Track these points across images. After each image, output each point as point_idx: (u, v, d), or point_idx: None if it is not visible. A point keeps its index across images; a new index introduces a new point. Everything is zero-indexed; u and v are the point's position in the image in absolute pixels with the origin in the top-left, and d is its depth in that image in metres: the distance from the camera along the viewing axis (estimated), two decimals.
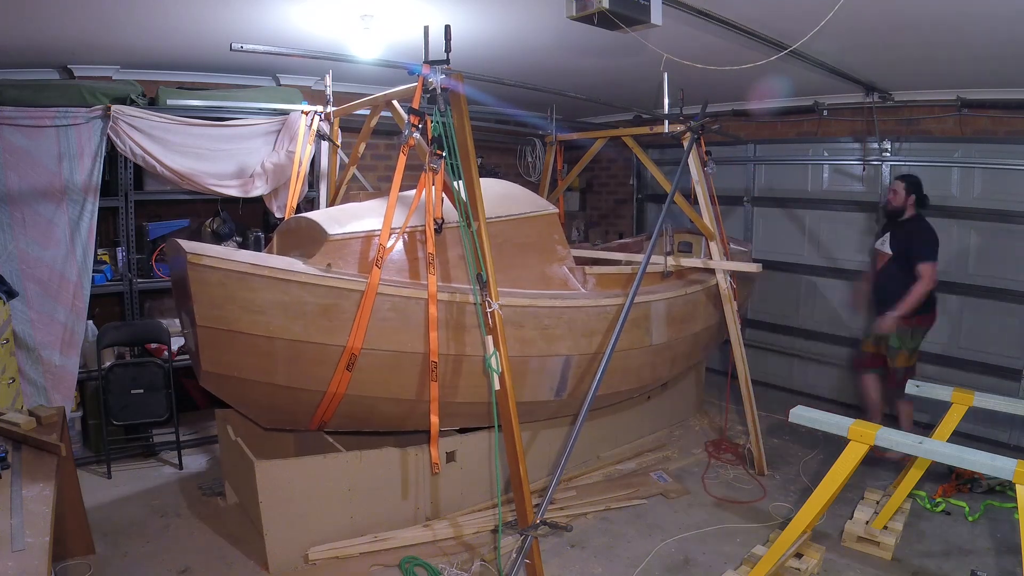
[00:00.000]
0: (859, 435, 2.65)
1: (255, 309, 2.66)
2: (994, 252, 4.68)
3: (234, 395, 3.06)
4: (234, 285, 2.62)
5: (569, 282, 3.63)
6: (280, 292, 2.68)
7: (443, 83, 2.74)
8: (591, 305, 3.46)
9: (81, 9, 3.15)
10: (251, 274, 2.63)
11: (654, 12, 2.62)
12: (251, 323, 2.67)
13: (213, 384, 2.94)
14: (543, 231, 3.67)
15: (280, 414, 3.17)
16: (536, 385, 3.37)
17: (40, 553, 1.99)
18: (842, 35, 3.28)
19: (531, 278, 3.47)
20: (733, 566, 3.06)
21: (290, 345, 2.75)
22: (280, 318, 2.70)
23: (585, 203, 7.70)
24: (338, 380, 2.87)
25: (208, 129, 4.27)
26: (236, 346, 2.71)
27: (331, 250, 2.99)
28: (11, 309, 3.69)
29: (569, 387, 3.49)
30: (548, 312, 3.29)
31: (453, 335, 3.03)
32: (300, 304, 2.72)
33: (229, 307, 2.64)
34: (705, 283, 4.22)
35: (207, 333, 2.67)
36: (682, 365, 4.38)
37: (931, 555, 3.23)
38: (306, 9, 3.25)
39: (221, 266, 2.59)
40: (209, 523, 3.44)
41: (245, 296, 2.64)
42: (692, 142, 4.02)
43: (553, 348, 3.33)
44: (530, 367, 3.29)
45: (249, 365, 2.78)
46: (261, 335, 2.70)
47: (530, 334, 3.22)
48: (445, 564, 3.08)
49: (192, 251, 2.57)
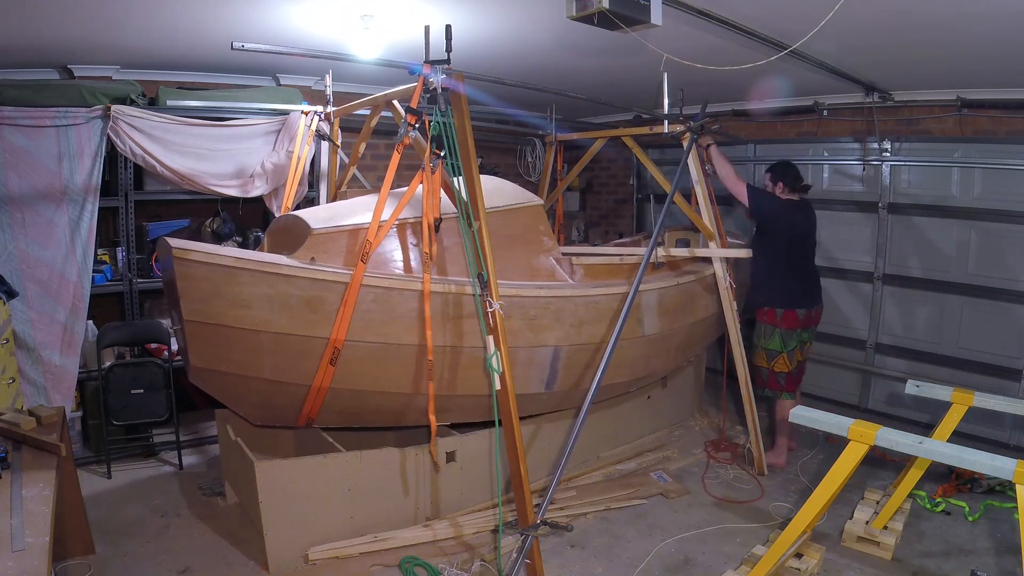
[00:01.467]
0: (859, 435, 2.65)
1: (241, 303, 2.67)
2: (994, 252, 4.68)
3: (223, 391, 3.05)
4: (219, 280, 2.64)
5: (556, 273, 3.62)
6: (265, 286, 2.69)
7: (444, 83, 2.74)
8: (579, 295, 3.45)
9: (81, 9, 3.14)
10: (236, 268, 2.65)
11: (654, 12, 2.62)
12: (237, 317, 2.68)
13: (202, 379, 2.95)
14: (529, 222, 3.67)
15: (268, 410, 3.15)
16: (525, 377, 3.35)
17: (40, 553, 1.99)
18: (842, 35, 3.28)
19: (518, 269, 3.47)
20: (733, 566, 3.06)
21: (275, 338, 2.76)
22: (265, 312, 2.71)
23: (585, 203, 7.70)
24: (322, 374, 2.86)
25: (208, 129, 4.27)
26: (223, 340, 2.72)
27: (315, 244, 2.99)
28: (11, 309, 3.70)
29: (560, 379, 3.48)
30: (534, 302, 3.27)
31: (451, 328, 3.03)
32: (285, 297, 2.73)
33: (215, 302, 2.65)
34: (699, 274, 4.22)
35: (194, 328, 2.69)
36: (679, 358, 4.37)
37: (931, 555, 3.23)
38: (306, 9, 3.25)
39: (207, 260, 2.61)
40: (209, 523, 3.44)
41: (231, 290, 2.65)
42: (692, 142, 4.02)
43: (541, 339, 3.32)
44: (518, 358, 3.26)
45: (236, 359, 2.79)
46: (247, 329, 2.71)
47: (516, 324, 3.20)
48: (445, 564, 3.08)
49: (178, 247, 2.59)
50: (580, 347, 3.46)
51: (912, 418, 4.97)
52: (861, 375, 5.40)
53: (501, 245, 3.43)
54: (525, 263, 3.54)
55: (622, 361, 3.73)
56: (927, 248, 4.99)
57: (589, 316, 3.47)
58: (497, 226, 3.46)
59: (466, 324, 3.06)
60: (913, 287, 5.08)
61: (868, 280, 5.30)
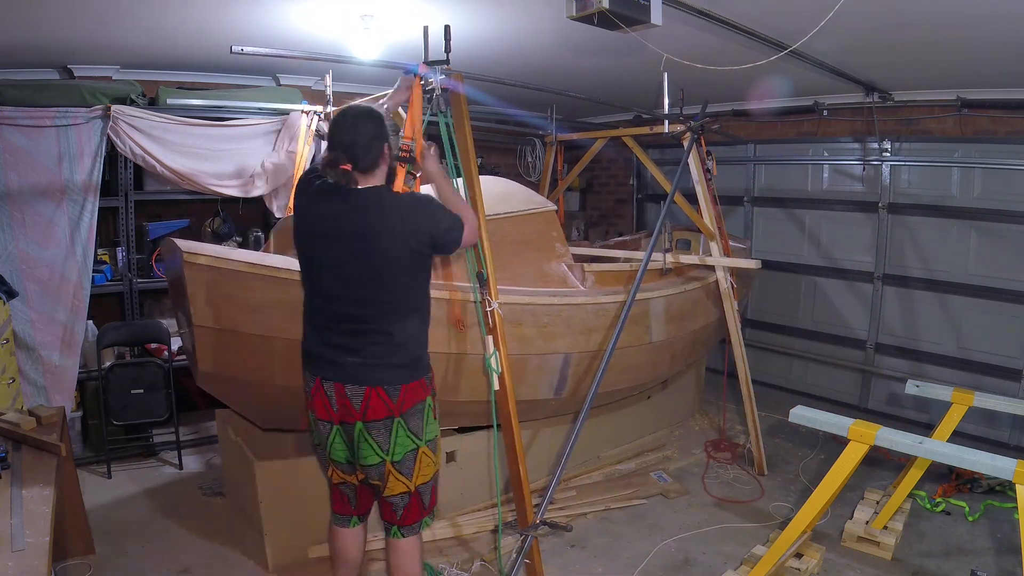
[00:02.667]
0: (859, 435, 2.65)
1: (253, 308, 2.63)
2: (994, 252, 4.68)
3: (232, 396, 3.04)
4: (231, 284, 2.58)
5: (568, 279, 3.62)
6: (279, 291, 2.65)
7: (443, 83, 2.74)
8: (590, 303, 3.45)
9: (81, 9, 3.14)
10: (248, 273, 2.60)
11: (654, 12, 2.62)
12: (249, 322, 2.64)
13: (211, 385, 2.91)
14: (541, 228, 3.66)
15: (279, 414, 3.15)
16: (536, 383, 3.36)
17: (40, 553, 1.99)
18: (842, 35, 3.28)
19: (529, 275, 3.46)
20: (733, 566, 3.06)
21: (289, 344, 2.74)
22: (278, 317, 2.67)
23: (585, 203, 7.70)
24: None
25: (208, 129, 4.27)
26: (234, 346, 2.68)
27: None
28: (11, 309, 3.69)
29: (569, 385, 3.49)
30: (546, 310, 3.27)
31: (456, 335, 3.02)
32: (298, 303, 2.71)
33: (226, 306, 2.60)
34: (704, 280, 4.22)
35: (204, 333, 2.63)
36: (681, 363, 4.38)
37: (931, 555, 3.23)
38: (306, 9, 3.25)
39: (218, 265, 2.56)
40: (209, 523, 3.44)
41: (242, 295, 2.60)
42: (692, 142, 4.02)
43: (552, 346, 3.32)
44: (529, 365, 3.28)
45: (247, 365, 2.75)
46: (259, 334, 2.67)
47: (529, 332, 3.21)
48: (445, 564, 3.08)
49: (188, 250, 2.53)
50: (590, 354, 3.46)
51: (912, 418, 4.97)
52: (861, 375, 5.40)
53: (513, 251, 3.42)
54: (537, 269, 3.53)
55: (628, 367, 3.74)
56: (927, 248, 4.99)
57: (600, 323, 3.47)
58: (510, 232, 3.45)
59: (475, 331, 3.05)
60: (913, 287, 5.08)
61: (868, 280, 5.30)
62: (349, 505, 2.48)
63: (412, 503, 2.35)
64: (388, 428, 2.24)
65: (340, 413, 2.27)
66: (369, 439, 2.25)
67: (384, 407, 2.23)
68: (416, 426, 2.30)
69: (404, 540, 2.38)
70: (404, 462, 2.29)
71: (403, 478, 2.31)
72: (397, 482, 2.31)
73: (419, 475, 2.34)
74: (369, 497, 2.49)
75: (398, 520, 2.37)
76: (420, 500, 2.37)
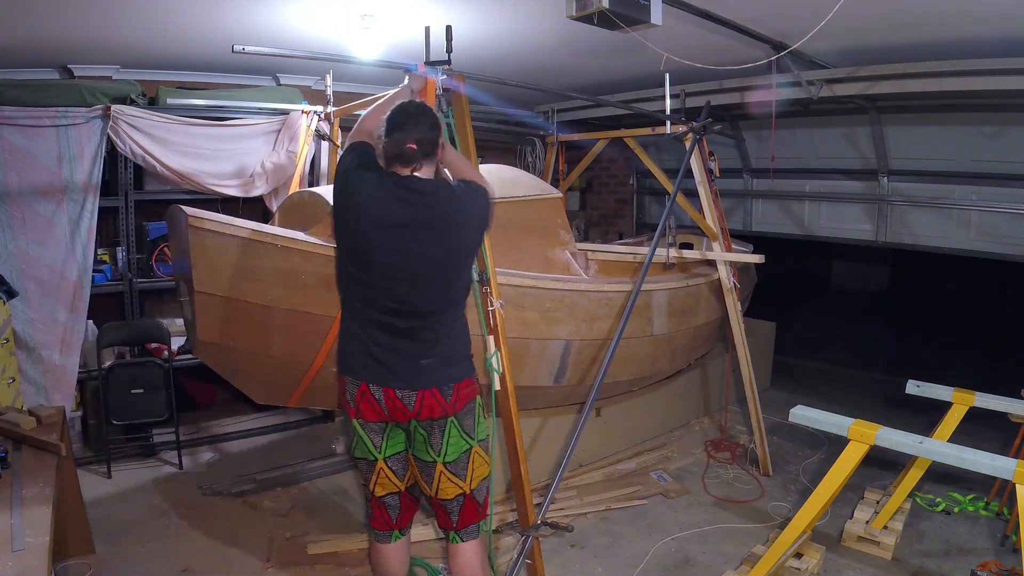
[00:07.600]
0: (859, 435, 2.65)
1: (255, 277, 2.58)
2: None
3: (229, 367, 2.97)
4: (235, 251, 2.54)
5: (572, 267, 3.61)
6: (281, 260, 2.60)
7: (444, 83, 2.74)
8: (594, 290, 3.43)
9: (81, 9, 3.14)
10: (253, 240, 2.55)
11: (654, 12, 2.63)
12: (250, 291, 2.59)
13: (208, 354, 2.84)
14: (546, 215, 3.65)
15: (272, 388, 3.07)
16: (536, 369, 3.34)
17: (40, 553, 1.99)
18: (842, 35, 3.28)
19: (533, 261, 3.44)
20: (733, 566, 3.06)
21: (288, 315, 2.68)
22: (280, 287, 2.62)
23: (585, 203, 7.70)
24: (324, 354, 2.76)
25: (208, 129, 4.26)
26: (233, 314, 2.63)
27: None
28: (11, 309, 3.69)
29: (569, 373, 3.47)
30: (550, 294, 3.25)
31: None
32: (301, 273, 2.64)
33: (229, 273, 2.55)
34: (707, 276, 4.21)
35: (205, 299, 2.57)
36: (682, 359, 4.36)
37: (931, 555, 3.23)
38: (306, 9, 3.25)
39: (222, 230, 2.51)
40: (209, 523, 3.44)
41: (245, 263, 2.56)
42: (694, 143, 4.01)
43: (554, 331, 3.30)
44: (530, 350, 3.26)
45: (246, 334, 2.69)
46: (259, 303, 2.62)
47: (531, 316, 3.18)
48: (445, 564, 3.08)
49: (193, 214, 2.48)
50: (590, 342, 3.45)
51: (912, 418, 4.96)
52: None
53: (518, 235, 3.42)
54: (541, 255, 3.51)
55: (628, 358, 3.72)
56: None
57: (601, 312, 3.46)
58: (515, 216, 3.44)
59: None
60: None
61: None
62: (390, 520, 2.39)
63: (467, 505, 2.30)
64: (441, 428, 2.20)
65: (391, 414, 2.21)
66: (423, 434, 2.22)
67: (439, 407, 2.18)
68: (469, 425, 2.26)
69: (464, 545, 2.32)
70: (458, 463, 2.24)
71: (457, 479, 2.25)
72: (450, 484, 2.25)
73: (473, 476, 2.29)
74: (411, 508, 2.44)
75: (454, 525, 2.31)
76: (474, 502, 2.32)
